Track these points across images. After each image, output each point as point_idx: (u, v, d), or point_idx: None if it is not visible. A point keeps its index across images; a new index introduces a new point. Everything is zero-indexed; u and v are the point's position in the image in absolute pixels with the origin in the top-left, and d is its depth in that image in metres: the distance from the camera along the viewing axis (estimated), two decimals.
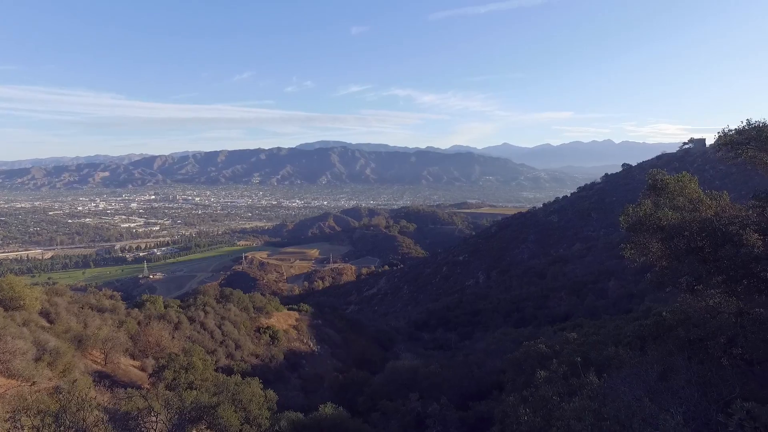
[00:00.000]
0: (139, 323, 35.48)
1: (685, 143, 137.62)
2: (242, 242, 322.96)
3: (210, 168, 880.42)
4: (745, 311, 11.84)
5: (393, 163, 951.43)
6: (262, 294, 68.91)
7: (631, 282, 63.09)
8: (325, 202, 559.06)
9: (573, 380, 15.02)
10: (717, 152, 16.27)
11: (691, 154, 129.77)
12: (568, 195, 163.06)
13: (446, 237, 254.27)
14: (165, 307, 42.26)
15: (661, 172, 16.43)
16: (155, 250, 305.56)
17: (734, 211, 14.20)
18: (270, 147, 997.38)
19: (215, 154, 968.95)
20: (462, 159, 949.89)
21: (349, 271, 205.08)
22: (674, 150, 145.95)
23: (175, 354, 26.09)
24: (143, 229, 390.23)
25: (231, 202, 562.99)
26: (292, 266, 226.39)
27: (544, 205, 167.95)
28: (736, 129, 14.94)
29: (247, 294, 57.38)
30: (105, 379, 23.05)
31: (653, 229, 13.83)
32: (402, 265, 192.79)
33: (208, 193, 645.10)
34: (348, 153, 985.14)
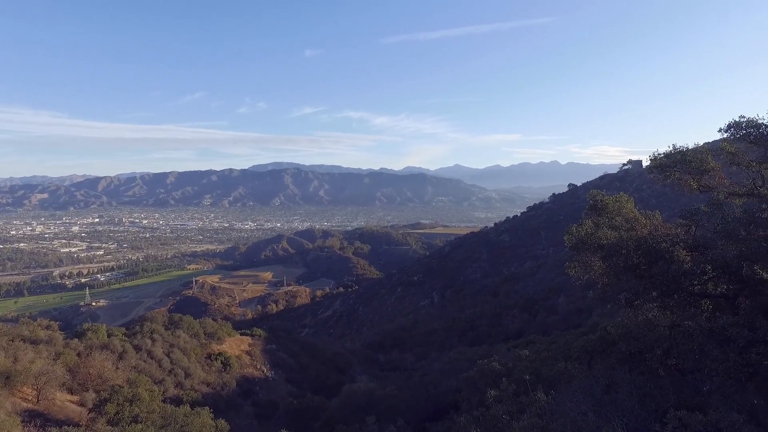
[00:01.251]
0: (78, 354, 33.48)
1: (624, 164, 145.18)
2: (193, 266, 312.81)
3: (159, 190, 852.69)
4: (677, 324, 12.59)
5: (347, 184, 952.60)
6: (213, 319, 66.77)
7: (580, 298, 65.28)
8: (279, 224, 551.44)
9: (522, 398, 15.39)
10: (649, 174, 17.35)
11: (630, 175, 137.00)
12: (519, 214, 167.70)
13: (400, 257, 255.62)
14: (108, 336, 40.19)
15: (601, 193, 17.34)
16: (99, 275, 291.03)
17: (666, 229, 15.13)
18: (222, 168, 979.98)
19: (164, 175, 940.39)
20: (415, 180, 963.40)
21: (303, 294, 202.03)
22: (615, 170, 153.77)
23: (119, 386, 24.83)
24: (86, 253, 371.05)
25: (181, 225, 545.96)
26: (244, 290, 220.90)
27: (495, 224, 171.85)
28: (664, 153, 16.00)
29: (198, 319, 55.45)
30: (37, 417, 21.61)
31: (594, 247, 14.54)
32: (357, 287, 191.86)
33: (157, 215, 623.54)
34: (301, 174, 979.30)
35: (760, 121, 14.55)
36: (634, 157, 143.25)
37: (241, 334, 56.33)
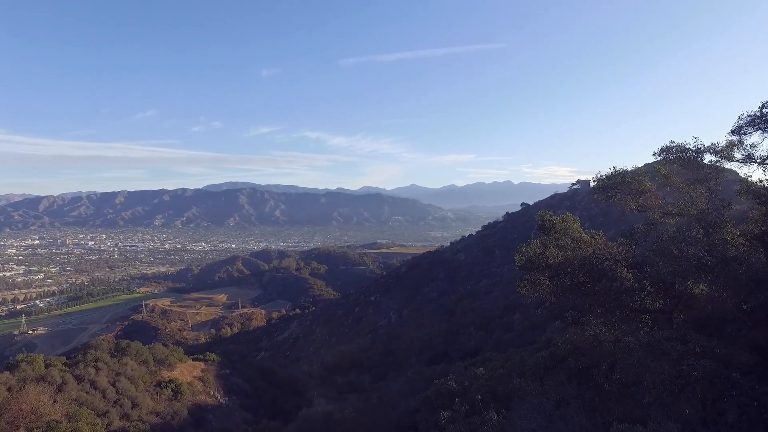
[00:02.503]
0: (9, 389, 31.25)
1: (573, 184, 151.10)
2: (143, 289, 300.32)
3: (107, 210, 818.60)
4: (620, 339, 13.19)
5: (303, 204, 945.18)
6: (164, 344, 64.16)
7: (534, 314, 66.80)
8: (234, 245, 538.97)
9: (475, 418, 15.61)
10: (593, 195, 18.24)
11: (579, 194, 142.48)
12: (474, 233, 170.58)
13: (358, 277, 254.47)
14: (46, 367, 37.90)
15: (548, 214, 18.06)
16: (37, 301, 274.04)
17: (608, 248, 15.91)
18: (175, 188, 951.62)
19: (113, 195, 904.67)
20: (372, 200, 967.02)
21: (258, 316, 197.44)
22: (565, 190, 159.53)
23: (56, 421, 23.44)
24: (23, 278, 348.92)
25: (131, 246, 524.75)
26: (197, 313, 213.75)
27: (451, 243, 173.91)
28: (606, 175, 16.91)
29: (148, 345, 53.24)
30: None
31: (542, 267, 15.08)
32: (314, 308, 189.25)
33: (105, 236, 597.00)
34: (257, 194, 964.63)
35: (687, 146, 15.67)
36: (583, 177, 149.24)
37: (194, 360, 54.41)
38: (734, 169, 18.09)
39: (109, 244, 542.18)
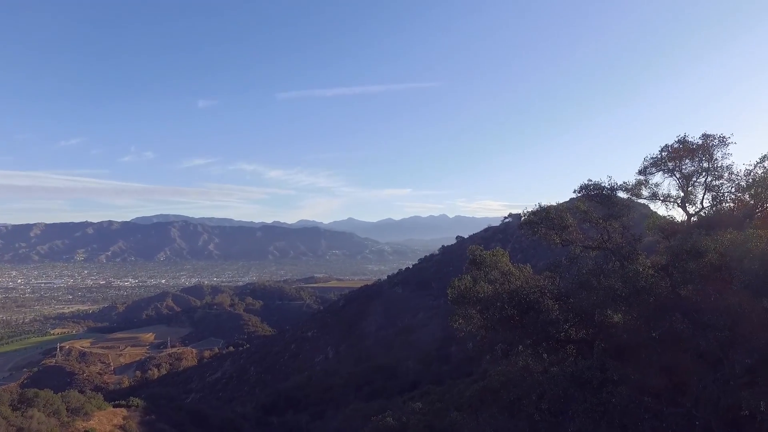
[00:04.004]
0: None
1: (505, 217, 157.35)
2: (58, 330, 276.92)
3: (20, 244, 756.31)
4: (547, 370, 13.73)
5: (238, 238, 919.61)
6: (81, 391, 59.35)
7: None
8: (164, 281, 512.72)
9: None
10: (520, 230, 19.21)
11: (511, 227, 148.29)
12: (410, 267, 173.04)
13: (294, 313, 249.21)
14: None
15: (479, 248, 18.73)
16: None
17: (535, 281, 16.69)
18: (100, 220, 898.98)
19: (28, 227, 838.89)
20: (309, 233, 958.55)
21: (189, 356, 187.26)
22: (498, 223, 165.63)
23: None
24: None
25: (46, 284, 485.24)
26: (121, 354, 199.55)
27: (388, 277, 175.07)
28: (532, 211, 17.90)
29: (61, 393, 48.94)
30: None
31: (473, 300, 15.55)
32: (248, 345, 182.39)
33: (15, 273, 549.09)
34: (190, 227, 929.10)
35: (603, 184, 17.01)
36: (515, 211, 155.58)
37: (114, 406, 50.60)
38: (647, 203, 19.75)
39: (19, 281, 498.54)
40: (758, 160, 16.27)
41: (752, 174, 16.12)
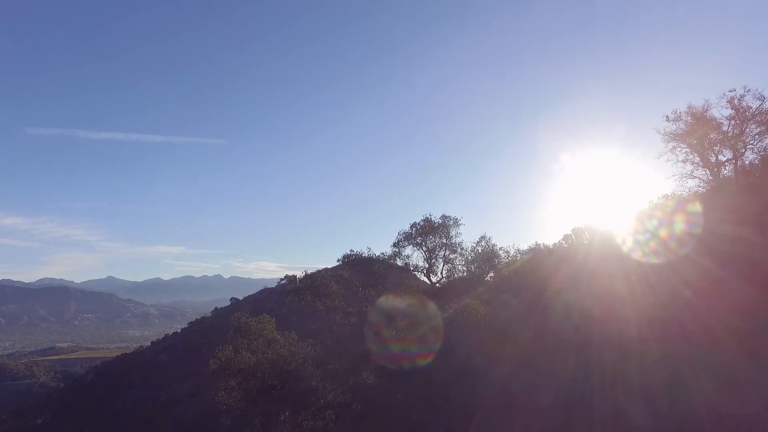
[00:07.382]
0: None
1: (282, 279, 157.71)
2: None
3: None
4: None
5: None
6: None
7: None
8: None
9: None
10: (286, 298, 19.69)
11: (286, 289, 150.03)
12: (179, 331, 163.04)
13: (22, 396, 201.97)
14: None
15: (245, 315, 18.39)
16: None
17: (299, 348, 17.03)
18: None
19: None
20: (53, 294, 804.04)
21: None
22: (274, 285, 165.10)
23: None
24: None
25: None
26: None
27: (152, 343, 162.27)
28: (298, 278, 18.52)
29: None
30: None
31: (234, 372, 15.03)
32: None
33: None
34: None
35: (363, 254, 18.72)
36: (291, 272, 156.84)
37: None
38: (399, 273, 22.25)
39: None
40: (478, 240, 20.17)
41: (474, 250, 19.85)
